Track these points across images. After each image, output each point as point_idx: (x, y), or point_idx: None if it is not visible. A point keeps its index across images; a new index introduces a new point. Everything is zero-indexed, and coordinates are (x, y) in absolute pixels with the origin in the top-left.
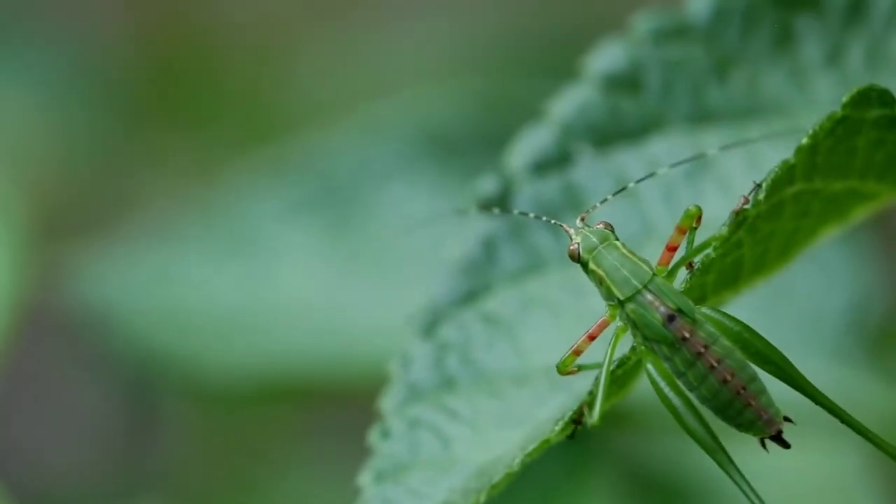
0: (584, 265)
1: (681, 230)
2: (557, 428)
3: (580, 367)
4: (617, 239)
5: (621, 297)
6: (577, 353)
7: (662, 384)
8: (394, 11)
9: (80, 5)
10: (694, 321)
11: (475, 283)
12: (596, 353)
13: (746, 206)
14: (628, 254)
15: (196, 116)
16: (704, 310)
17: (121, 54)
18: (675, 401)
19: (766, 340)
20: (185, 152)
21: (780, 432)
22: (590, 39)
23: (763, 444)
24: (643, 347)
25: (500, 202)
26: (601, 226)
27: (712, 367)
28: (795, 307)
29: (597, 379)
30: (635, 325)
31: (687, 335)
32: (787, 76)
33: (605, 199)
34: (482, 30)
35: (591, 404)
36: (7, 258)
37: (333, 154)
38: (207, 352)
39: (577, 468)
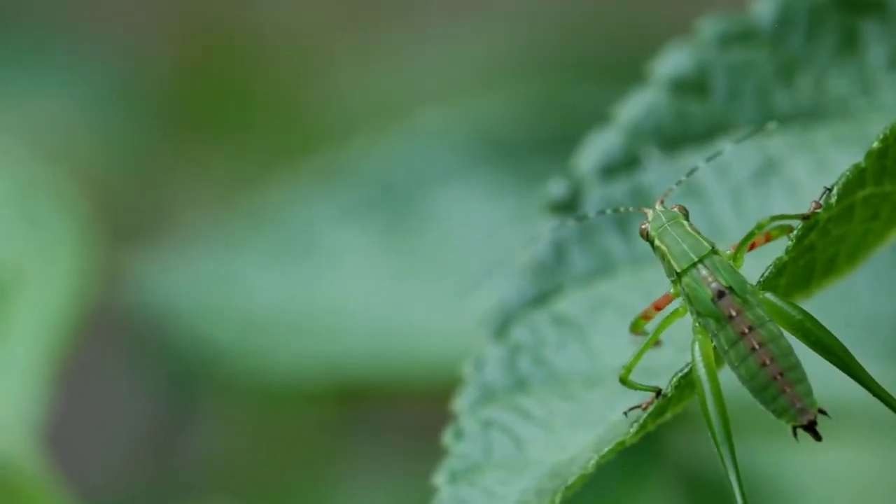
0: (651, 242)
1: (767, 237)
2: (632, 430)
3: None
4: (687, 220)
5: (678, 270)
6: (646, 318)
7: (700, 363)
8: (432, 17)
9: (121, 15)
10: (745, 301)
11: (546, 285)
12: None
13: (818, 211)
14: (692, 231)
15: (233, 124)
16: (767, 295)
17: (160, 62)
18: (706, 384)
19: (827, 330)
20: (223, 159)
21: (812, 423)
22: (638, 43)
23: (794, 433)
24: (697, 324)
25: (569, 205)
26: (675, 208)
27: (753, 348)
28: (850, 309)
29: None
30: (689, 299)
31: (734, 313)
32: (852, 80)
33: (671, 190)
34: (523, 36)
35: (659, 404)
36: (73, 258)
37: (389, 157)
38: (265, 353)
39: (635, 468)
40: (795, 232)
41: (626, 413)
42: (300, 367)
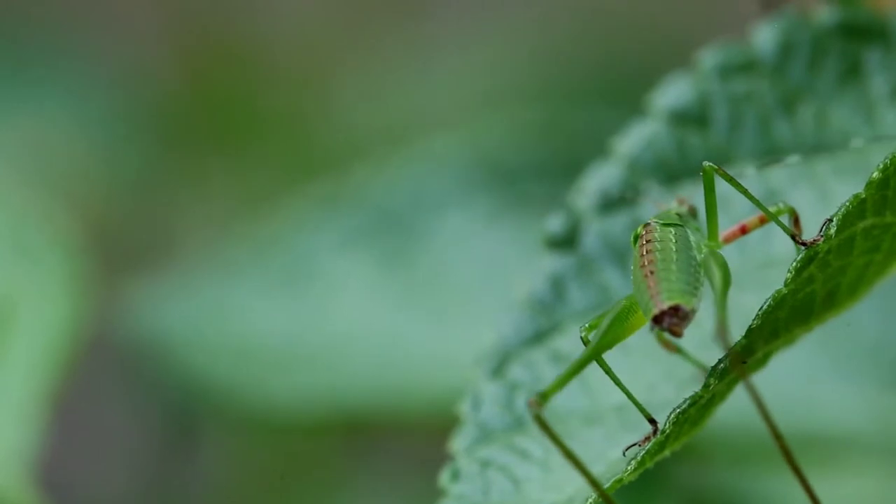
0: None
1: (761, 220)
2: (630, 468)
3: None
4: (694, 217)
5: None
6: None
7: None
8: (436, 42)
9: (123, 32)
10: (664, 230)
11: (544, 322)
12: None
13: (819, 241)
14: (675, 214)
15: (238, 143)
16: (708, 249)
17: (163, 81)
18: (611, 315)
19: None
20: (227, 179)
21: (663, 315)
22: (640, 66)
23: (651, 329)
24: None
25: (568, 240)
26: (686, 207)
27: (642, 255)
28: (855, 336)
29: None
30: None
31: (645, 232)
32: (854, 110)
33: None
34: (525, 60)
35: (657, 441)
36: (66, 290)
37: (389, 184)
38: (263, 384)
39: (640, 499)
40: (794, 264)
41: (624, 453)
42: (299, 398)
